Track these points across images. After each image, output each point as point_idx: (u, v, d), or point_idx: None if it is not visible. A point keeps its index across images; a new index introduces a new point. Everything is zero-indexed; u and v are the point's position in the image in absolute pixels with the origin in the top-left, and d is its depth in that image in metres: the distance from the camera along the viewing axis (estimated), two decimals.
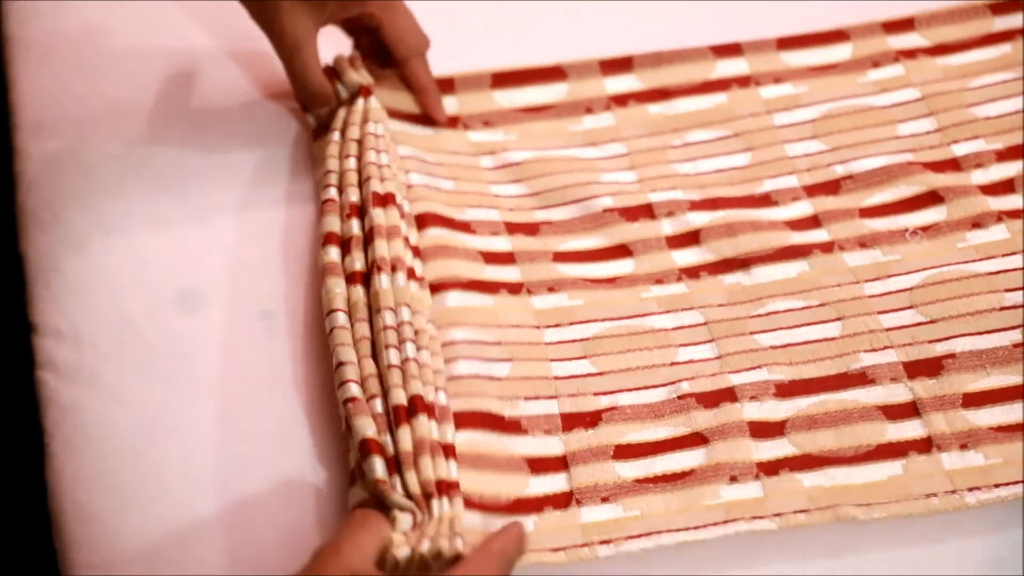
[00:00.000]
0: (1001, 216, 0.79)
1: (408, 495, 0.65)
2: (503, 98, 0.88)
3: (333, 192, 0.78)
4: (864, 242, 0.80)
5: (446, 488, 0.66)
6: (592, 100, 0.88)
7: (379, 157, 0.80)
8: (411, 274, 0.75)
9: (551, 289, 0.78)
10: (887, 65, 0.89)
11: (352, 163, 0.80)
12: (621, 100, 0.88)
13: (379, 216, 0.76)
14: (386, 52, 0.85)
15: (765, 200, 0.83)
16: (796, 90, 0.88)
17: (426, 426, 0.67)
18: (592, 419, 0.71)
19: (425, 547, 0.61)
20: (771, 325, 0.76)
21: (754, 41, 0.91)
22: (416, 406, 0.68)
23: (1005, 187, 0.82)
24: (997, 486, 0.67)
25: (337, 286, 0.74)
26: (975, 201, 0.80)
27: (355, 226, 0.76)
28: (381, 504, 0.65)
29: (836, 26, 0.91)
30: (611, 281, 0.79)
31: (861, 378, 0.72)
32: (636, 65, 0.90)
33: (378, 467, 0.65)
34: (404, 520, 0.64)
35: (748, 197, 0.83)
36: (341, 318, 0.72)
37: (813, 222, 0.81)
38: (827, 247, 0.79)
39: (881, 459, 0.69)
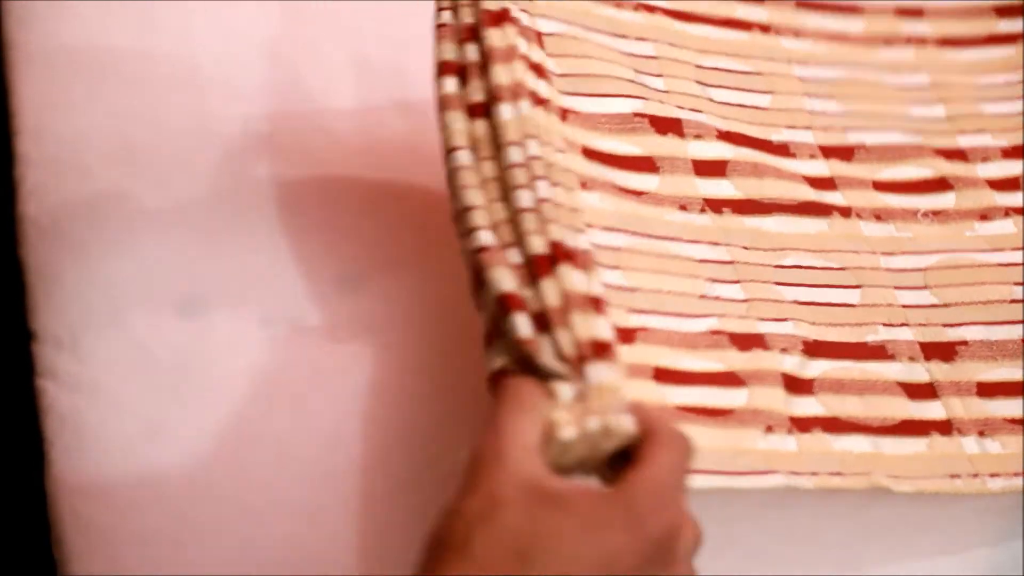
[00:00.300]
0: (1008, 211, 0.79)
1: (562, 359, 0.58)
2: None
3: (447, 16, 0.70)
4: (879, 215, 0.78)
5: (601, 350, 0.58)
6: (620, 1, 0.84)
7: None
8: (536, 100, 0.68)
9: (584, 186, 0.71)
10: (898, 46, 0.88)
11: None
12: (649, 8, 0.84)
13: (494, 36, 0.68)
14: None
15: (783, 150, 0.80)
16: (815, 48, 0.86)
17: (572, 276, 0.60)
18: (626, 336, 0.66)
19: (593, 425, 0.55)
20: (794, 279, 0.74)
21: None
22: (558, 254, 0.61)
23: (1011, 184, 0.81)
24: (1016, 475, 0.66)
25: (456, 121, 0.66)
26: (982, 194, 0.80)
27: (472, 51, 0.68)
28: (529, 369, 0.57)
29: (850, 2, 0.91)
30: (638, 195, 0.74)
31: (881, 351, 0.71)
32: None
33: (523, 325, 0.58)
34: (564, 391, 0.56)
35: (767, 142, 0.80)
36: (463, 156, 0.64)
37: (830, 183, 0.79)
38: (845, 211, 0.78)
39: (906, 435, 0.68)
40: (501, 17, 0.70)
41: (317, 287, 0.76)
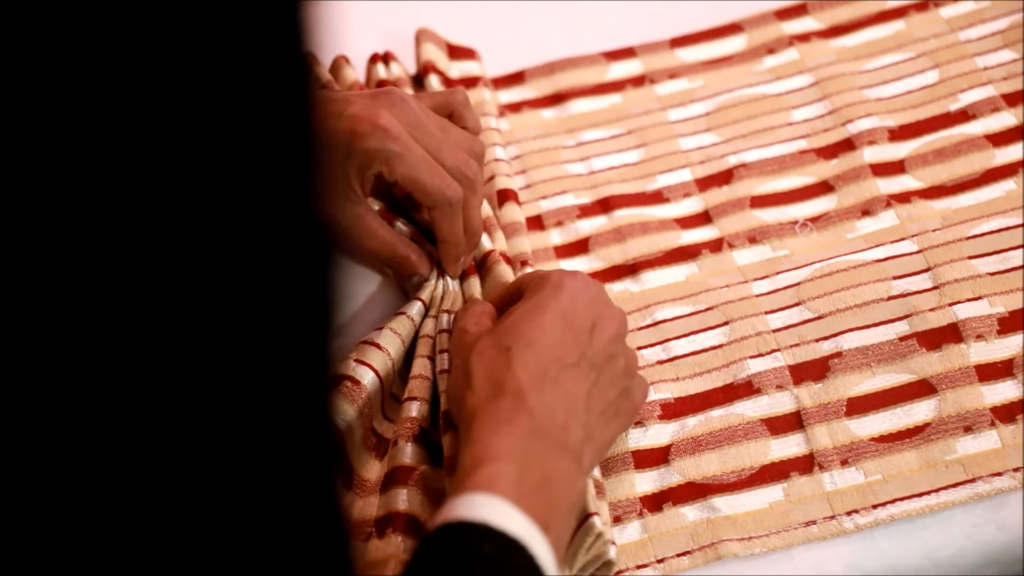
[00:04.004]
0: (890, 201, 0.72)
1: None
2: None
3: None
4: (754, 236, 0.73)
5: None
6: (485, 111, 0.81)
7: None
8: None
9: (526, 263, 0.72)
10: (782, 50, 0.82)
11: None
12: (515, 107, 0.82)
13: None
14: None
15: (657, 197, 0.76)
16: (691, 85, 0.82)
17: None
18: None
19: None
20: (658, 337, 0.69)
21: (647, 43, 0.84)
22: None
23: (895, 168, 0.75)
24: (875, 507, 0.61)
25: None
26: (864, 186, 0.73)
27: None
28: None
29: (729, 20, 0.85)
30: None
31: (747, 388, 0.66)
32: (528, 77, 0.84)
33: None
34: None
35: (640, 194, 0.76)
36: None
37: (703, 218, 0.75)
38: (716, 245, 0.73)
39: (763, 483, 0.62)
40: None
41: None
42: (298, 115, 0.37)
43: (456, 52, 0.84)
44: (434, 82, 0.80)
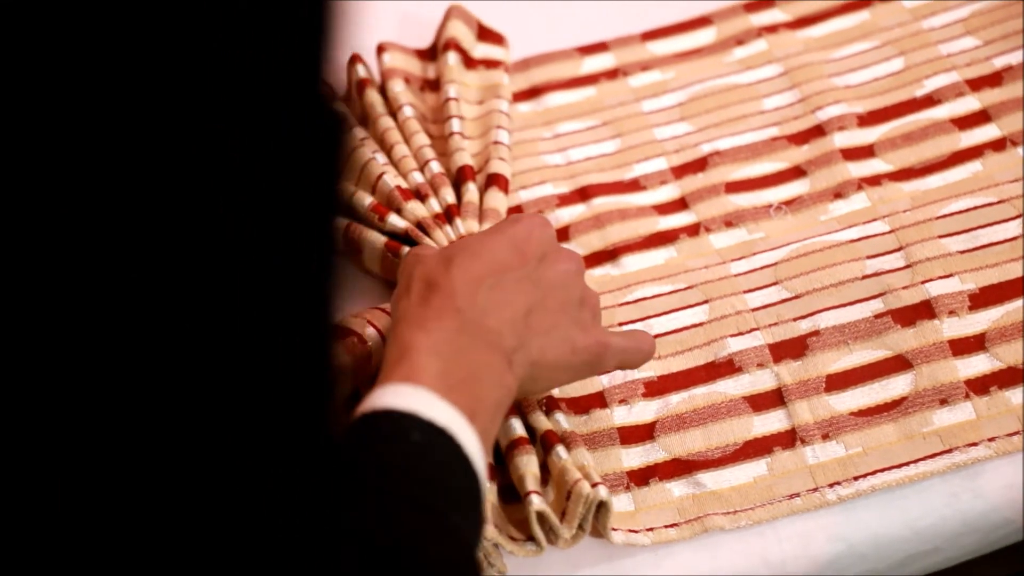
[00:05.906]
0: (861, 184, 0.73)
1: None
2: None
3: None
4: (730, 220, 0.73)
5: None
6: (499, 94, 0.81)
7: None
8: None
9: None
10: (751, 42, 0.83)
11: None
12: None
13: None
14: None
15: (634, 185, 0.76)
16: (664, 76, 0.82)
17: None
18: None
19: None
20: (639, 314, 0.69)
21: (619, 38, 0.85)
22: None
23: (865, 152, 0.75)
24: (856, 478, 0.61)
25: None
26: (836, 170, 0.74)
27: None
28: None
29: (698, 14, 0.85)
30: None
31: (728, 367, 0.66)
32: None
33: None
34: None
35: (617, 183, 0.76)
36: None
37: (680, 204, 0.75)
38: (693, 229, 0.73)
39: (747, 458, 0.63)
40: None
41: None
42: (303, 112, 0.36)
43: (485, 34, 0.84)
44: (451, 59, 0.80)
